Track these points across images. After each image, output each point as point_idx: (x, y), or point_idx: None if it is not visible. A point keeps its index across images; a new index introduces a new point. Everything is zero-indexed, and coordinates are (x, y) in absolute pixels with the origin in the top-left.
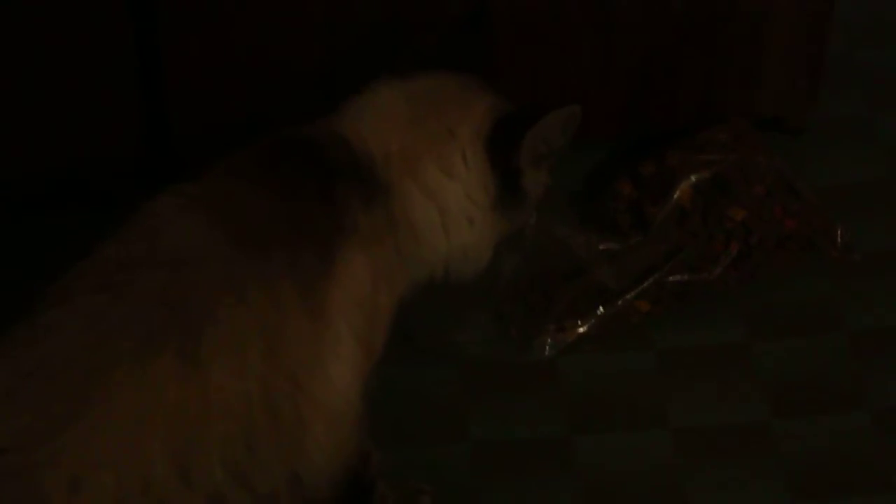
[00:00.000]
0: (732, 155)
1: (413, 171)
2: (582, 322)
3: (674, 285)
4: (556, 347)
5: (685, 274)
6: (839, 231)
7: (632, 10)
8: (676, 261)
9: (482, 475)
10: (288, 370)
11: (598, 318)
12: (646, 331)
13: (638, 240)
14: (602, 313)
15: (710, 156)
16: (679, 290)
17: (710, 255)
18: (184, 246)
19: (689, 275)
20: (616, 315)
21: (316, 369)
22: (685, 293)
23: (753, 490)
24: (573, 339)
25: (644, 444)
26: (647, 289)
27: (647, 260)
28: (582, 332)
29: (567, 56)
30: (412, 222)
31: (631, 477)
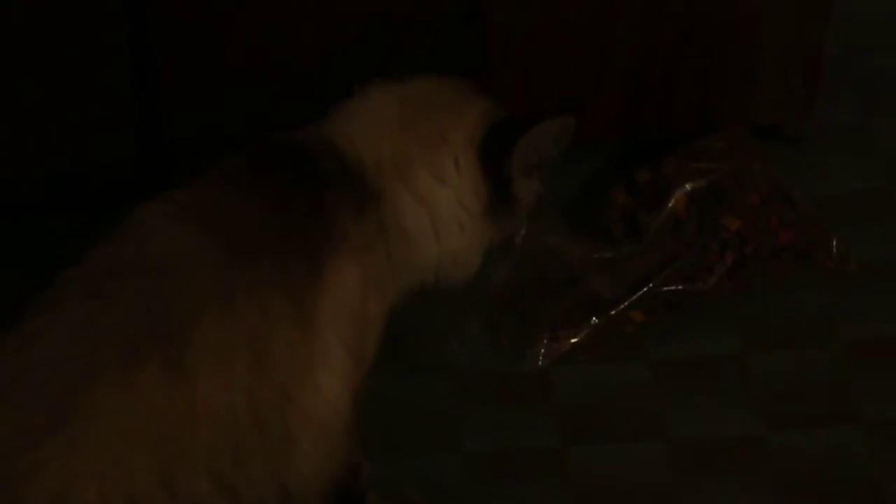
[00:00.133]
0: (728, 163)
1: (404, 177)
2: (575, 332)
3: (668, 295)
4: (550, 357)
5: (679, 284)
6: (835, 241)
7: (628, 17)
8: (671, 270)
9: (475, 486)
10: (276, 380)
11: (592, 328)
12: (640, 341)
13: (632, 249)
14: (596, 323)
15: (706, 164)
16: (673, 300)
17: (704, 264)
18: (172, 254)
19: (684, 285)
20: (610, 325)
21: (304, 380)
22: (679, 303)
23: (747, 502)
24: (566, 349)
25: (638, 455)
26: (641, 299)
27: (641, 269)
28: (575, 342)
29: (562, 63)
30: (403, 228)
31: (624, 488)
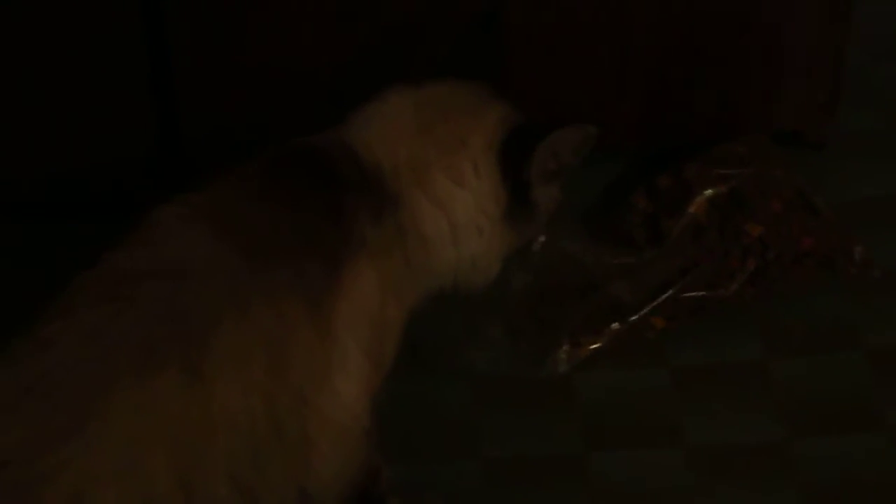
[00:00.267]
0: (749, 169)
1: (422, 181)
2: (596, 338)
3: (689, 301)
4: (570, 363)
5: (701, 290)
6: (857, 247)
7: (648, 23)
8: (692, 276)
9: (495, 491)
10: (294, 385)
11: (613, 334)
12: (661, 347)
13: (653, 254)
14: (616, 329)
15: (727, 169)
16: (694, 305)
17: (726, 270)
18: (188, 257)
19: (705, 291)
20: (631, 331)
21: (322, 384)
22: (701, 309)
23: None
24: (587, 354)
25: (658, 461)
26: (662, 304)
27: (662, 275)
28: (596, 348)
29: (582, 69)
30: (421, 233)
31: (644, 494)
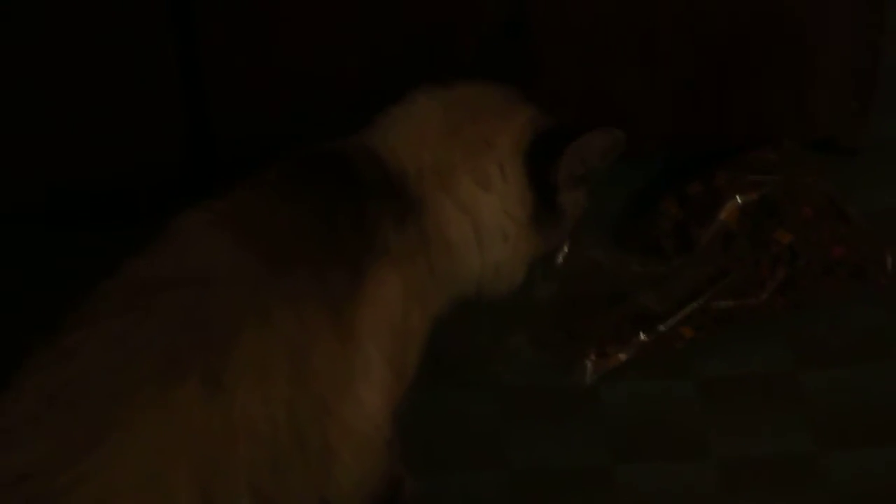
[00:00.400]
0: (781, 176)
1: (446, 184)
2: (624, 348)
3: (718, 311)
4: (597, 374)
5: (730, 299)
6: (889, 256)
7: (678, 29)
8: (721, 285)
9: (520, 502)
10: (316, 394)
11: (640, 344)
12: (689, 357)
13: (682, 262)
14: (644, 339)
15: (759, 176)
16: (723, 315)
17: (756, 279)
18: (210, 265)
19: (735, 300)
20: (659, 341)
21: (345, 393)
22: (730, 319)
23: None
24: (615, 365)
25: (686, 473)
26: (691, 314)
27: (691, 284)
28: (624, 359)
29: (613, 74)
30: (445, 238)
31: None
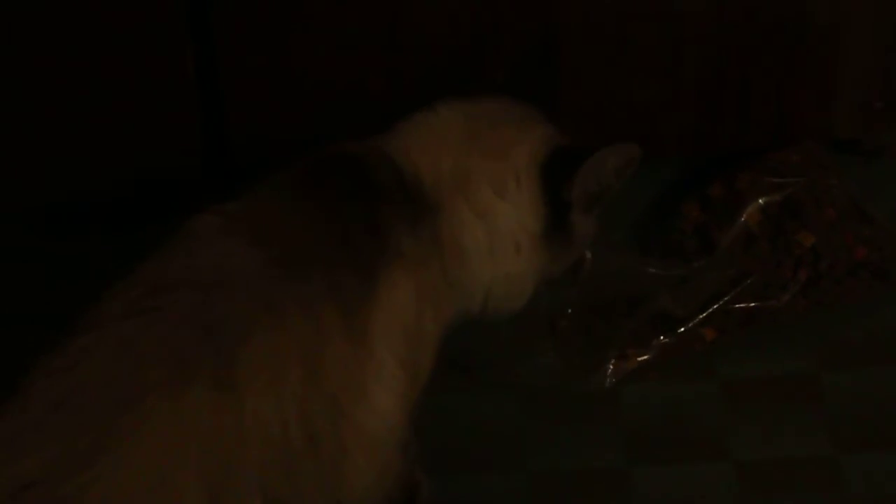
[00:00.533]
0: (804, 178)
1: (464, 189)
2: (644, 350)
3: (740, 312)
4: (618, 376)
5: (752, 301)
6: None
7: (702, 30)
8: (743, 287)
9: None
10: (329, 396)
11: (662, 346)
12: (710, 359)
13: (703, 264)
14: (665, 341)
15: (781, 178)
16: (745, 317)
17: (777, 281)
18: (221, 267)
19: (756, 302)
20: (680, 343)
21: (358, 395)
22: (752, 321)
23: None
24: (635, 367)
25: (705, 476)
26: (712, 316)
27: (712, 286)
28: (644, 361)
29: (635, 76)
30: (459, 243)
31: None
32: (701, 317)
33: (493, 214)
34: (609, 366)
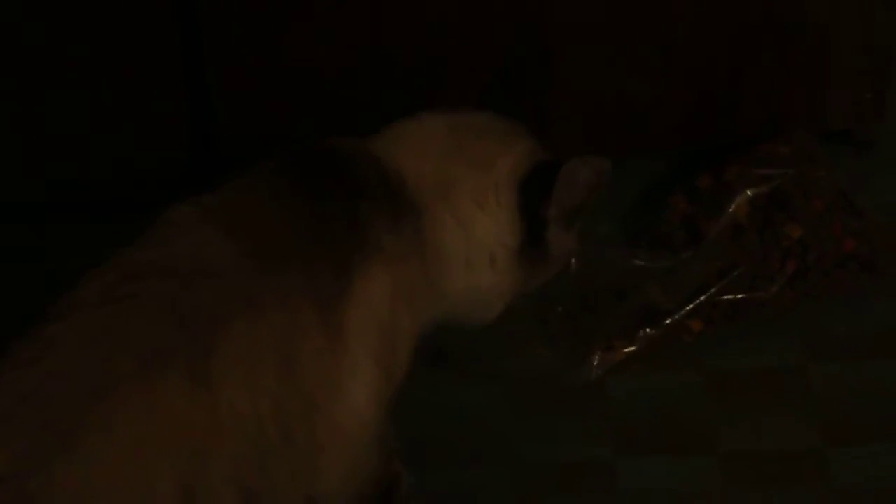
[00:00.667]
0: (792, 169)
1: (446, 195)
2: (631, 341)
3: (727, 304)
4: (604, 367)
5: (739, 293)
6: None
7: (693, 20)
8: (730, 279)
9: (526, 497)
10: (303, 390)
11: (648, 338)
12: (697, 351)
13: (690, 256)
14: (652, 332)
15: (770, 170)
16: (732, 309)
17: (765, 273)
18: (198, 258)
19: (744, 293)
20: (667, 334)
21: (332, 390)
22: (739, 313)
23: None
24: (621, 358)
25: (691, 468)
26: (699, 307)
27: (699, 278)
28: (631, 352)
29: (626, 69)
30: (440, 245)
31: (676, 502)
32: (688, 308)
33: (472, 224)
34: (596, 357)
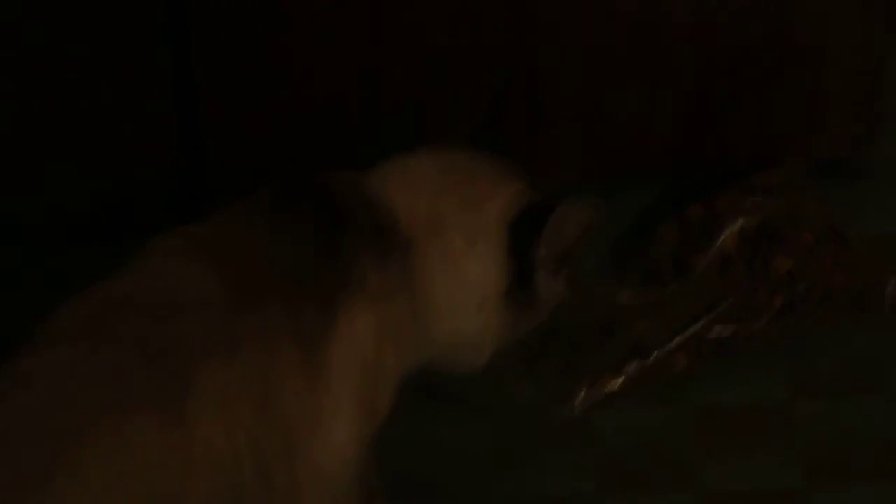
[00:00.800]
0: (782, 200)
1: (437, 233)
2: (617, 376)
3: (713, 339)
4: (591, 402)
5: (727, 326)
6: (892, 280)
7: (683, 48)
8: (718, 313)
9: None
10: (282, 428)
11: (634, 373)
12: (683, 386)
13: (678, 289)
14: (638, 367)
15: (760, 200)
16: (719, 344)
17: (752, 306)
18: (178, 291)
19: (731, 327)
20: (653, 369)
21: (312, 429)
22: (726, 347)
23: None
24: (607, 393)
25: None
26: (686, 342)
27: (686, 311)
28: (617, 387)
29: (617, 96)
30: (428, 284)
31: None
32: (675, 342)
33: (461, 264)
34: (582, 392)
